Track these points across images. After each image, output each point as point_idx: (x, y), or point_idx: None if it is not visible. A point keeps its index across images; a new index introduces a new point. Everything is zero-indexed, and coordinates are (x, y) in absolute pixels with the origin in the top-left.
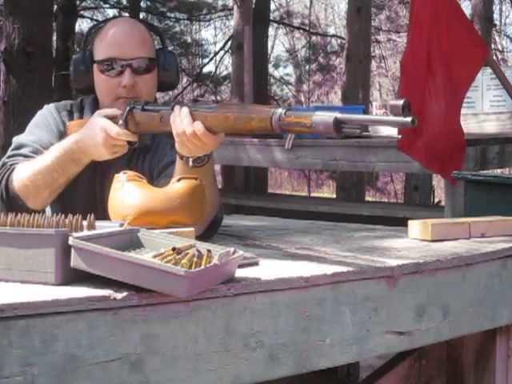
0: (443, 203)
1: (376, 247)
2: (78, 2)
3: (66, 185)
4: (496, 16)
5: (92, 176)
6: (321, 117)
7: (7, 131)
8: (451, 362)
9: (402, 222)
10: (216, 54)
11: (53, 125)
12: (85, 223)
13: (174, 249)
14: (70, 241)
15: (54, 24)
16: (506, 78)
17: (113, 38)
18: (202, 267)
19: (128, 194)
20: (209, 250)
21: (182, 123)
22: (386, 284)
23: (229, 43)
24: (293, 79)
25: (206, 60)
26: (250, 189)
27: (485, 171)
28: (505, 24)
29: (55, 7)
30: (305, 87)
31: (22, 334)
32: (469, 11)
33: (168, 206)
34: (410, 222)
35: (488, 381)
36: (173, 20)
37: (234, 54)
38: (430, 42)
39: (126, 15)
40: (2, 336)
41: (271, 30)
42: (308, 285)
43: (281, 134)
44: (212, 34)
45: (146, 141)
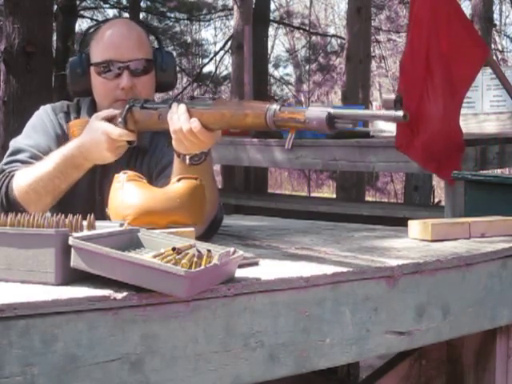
0: (443, 203)
1: (376, 247)
2: (78, 2)
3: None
4: (496, 16)
5: (91, 178)
6: (314, 112)
7: (7, 131)
8: (451, 362)
9: (402, 222)
10: (216, 54)
11: (50, 128)
12: (85, 223)
13: (174, 249)
14: (70, 241)
15: (54, 24)
16: (506, 78)
17: (109, 40)
18: (202, 267)
19: (128, 193)
20: (209, 250)
21: (179, 120)
22: (386, 284)
23: (229, 43)
24: (293, 79)
25: (206, 60)
26: (250, 189)
27: (485, 171)
28: (505, 24)
29: (55, 7)
30: (305, 87)
31: (22, 333)
32: (469, 11)
33: (168, 206)
34: (410, 222)
35: (488, 381)
36: (173, 20)
37: (234, 53)
38: (429, 42)
39: (126, 15)
40: (2, 336)
41: (271, 30)
42: (308, 285)
43: (276, 130)
44: (212, 34)
45: (144, 142)
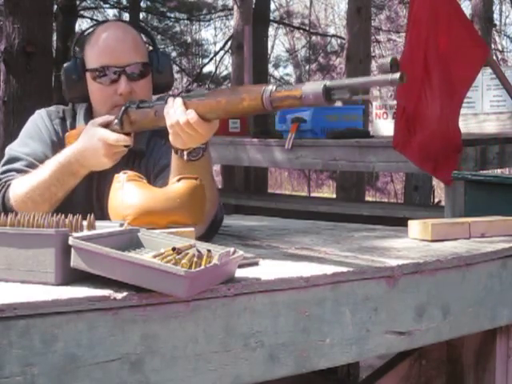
0: (443, 203)
1: (376, 247)
2: (78, 2)
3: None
4: (496, 16)
5: (89, 186)
6: (310, 86)
7: (7, 131)
8: (451, 362)
9: (402, 222)
10: (216, 54)
11: (46, 134)
12: (85, 223)
13: (174, 249)
14: (70, 241)
15: (54, 24)
16: (506, 78)
17: (104, 45)
18: (202, 267)
19: (128, 193)
20: (209, 250)
21: (176, 113)
22: (386, 284)
23: (229, 43)
24: (293, 79)
25: (206, 60)
26: (250, 189)
27: (485, 171)
28: (505, 24)
29: (55, 7)
30: None
31: (22, 333)
32: (469, 11)
33: (168, 206)
34: (410, 222)
35: (488, 381)
36: (173, 20)
37: (234, 53)
38: (427, 42)
39: (126, 15)
40: (2, 336)
41: (271, 30)
42: (308, 285)
43: (273, 111)
44: (212, 34)
45: (141, 146)
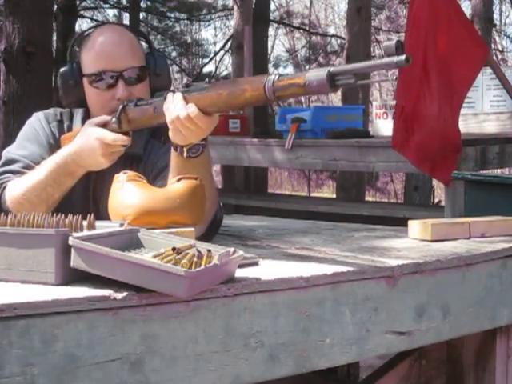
0: (443, 203)
1: (376, 247)
2: (78, 2)
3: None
4: (496, 16)
5: (86, 188)
6: (314, 73)
7: (7, 131)
8: (451, 362)
9: (402, 222)
10: (216, 54)
11: (43, 137)
12: (85, 223)
13: (174, 249)
14: (70, 241)
15: (54, 24)
16: (506, 78)
17: (101, 49)
18: (202, 267)
19: (128, 193)
20: (209, 250)
21: (176, 108)
22: (386, 284)
23: (229, 43)
24: None
25: (206, 60)
26: (250, 189)
27: (485, 171)
28: (505, 24)
29: (55, 7)
30: None
31: (22, 333)
32: (469, 11)
33: (168, 206)
34: (410, 222)
35: (488, 381)
36: (173, 20)
37: (234, 53)
38: (426, 42)
39: (126, 15)
40: (2, 336)
41: (271, 30)
42: (308, 285)
43: (276, 101)
44: (212, 34)
45: (138, 150)
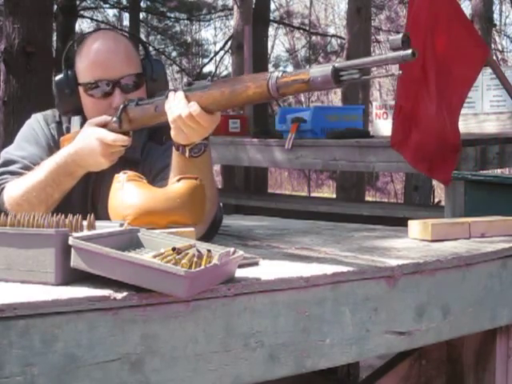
0: (443, 203)
1: (376, 247)
2: (78, 2)
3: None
4: (496, 16)
5: (84, 190)
6: (319, 69)
7: (7, 131)
8: (451, 362)
9: (402, 222)
10: (216, 53)
11: (42, 138)
12: (85, 223)
13: (174, 249)
14: (70, 241)
15: (54, 24)
16: (506, 78)
17: (96, 57)
18: (202, 267)
19: (128, 193)
20: (209, 250)
21: (178, 107)
22: (386, 284)
23: (229, 43)
24: None
25: (206, 60)
26: (250, 189)
27: (485, 171)
28: (505, 24)
29: (55, 7)
30: None
31: (22, 334)
32: (469, 11)
33: (168, 206)
34: (410, 222)
35: (488, 381)
36: (173, 20)
37: (234, 53)
38: (425, 43)
39: (126, 15)
40: (2, 336)
41: (271, 30)
42: (308, 285)
43: (279, 98)
44: (212, 34)
45: (136, 155)
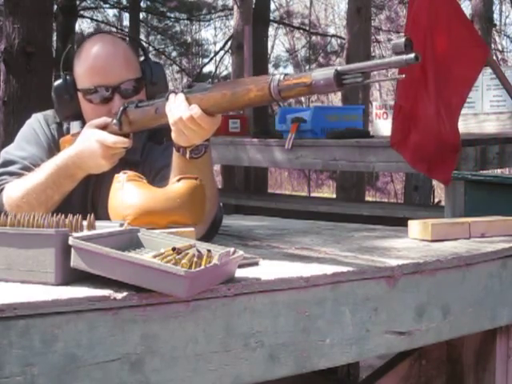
0: (443, 203)
1: (376, 247)
2: (78, 2)
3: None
4: (496, 16)
5: (84, 192)
6: (321, 72)
7: (7, 131)
8: (451, 362)
9: (402, 222)
10: (216, 53)
11: (42, 139)
12: (85, 223)
13: (173, 249)
14: (70, 241)
15: (54, 24)
16: (506, 78)
17: (95, 63)
18: (202, 267)
19: (128, 193)
20: (209, 250)
21: (178, 109)
22: (386, 284)
23: (229, 43)
24: None
25: (206, 60)
26: (250, 189)
27: (485, 171)
28: (505, 24)
29: (55, 7)
30: None
31: (22, 334)
32: (469, 11)
33: (168, 206)
34: (410, 222)
35: (488, 381)
36: (173, 20)
37: (234, 53)
38: (425, 43)
39: (126, 15)
40: (2, 336)
41: (271, 30)
42: (308, 285)
43: (281, 101)
44: (212, 34)
45: (136, 157)
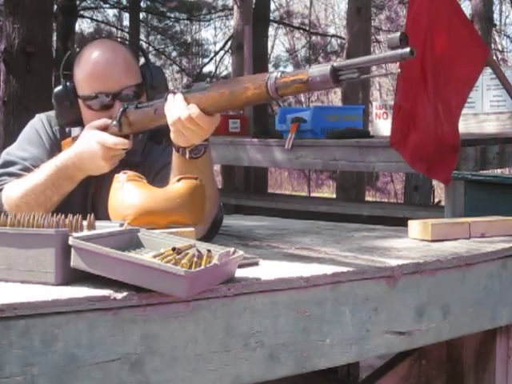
0: (443, 203)
1: (376, 247)
2: (78, 2)
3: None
4: (496, 16)
5: (85, 193)
6: (317, 69)
7: (7, 131)
8: (451, 362)
9: (402, 222)
10: (216, 53)
11: (45, 140)
12: (85, 223)
13: (174, 249)
14: (70, 241)
15: (54, 24)
16: (506, 78)
17: (95, 70)
18: (202, 267)
19: (128, 193)
20: (209, 250)
21: (177, 110)
22: (386, 284)
23: (229, 43)
24: None
25: (206, 60)
26: (250, 189)
27: (485, 171)
28: (505, 24)
29: (55, 7)
30: None
31: (22, 333)
32: (469, 11)
33: (168, 206)
34: (410, 222)
35: (488, 381)
36: (173, 20)
37: (234, 53)
38: (425, 43)
39: (126, 15)
40: (2, 336)
41: (271, 30)
42: (308, 285)
43: (278, 99)
44: (212, 34)
45: (136, 158)
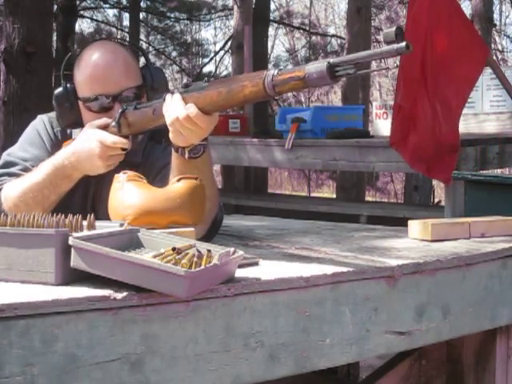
0: (443, 203)
1: (376, 247)
2: (78, 2)
3: (60, 200)
4: (496, 16)
5: (85, 193)
6: (314, 65)
7: (7, 131)
8: (451, 362)
9: (402, 222)
10: (216, 53)
11: (46, 141)
12: (85, 223)
13: (174, 249)
14: (70, 241)
15: (54, 24)
16: (506, 78)
17: (95, 72)
18: (202, 267)
19: (128, 193)
20: (209, 250)
21: (175, 110)
22: (386, 284)
23: (229, 43)
24: None
25: (206, 60)
26: (250, 189)
27: (485, 171)
28: (505, 24)
29: (55, 7)
30: None
31: (22, 334)
32: (469, 11)
33: (168, 206)
34: (410, 222)
35: (488, 381)
36: (173, 20)
37: (234, 53)
38: (425, 43)
39: (126, 15)
40: (2, 336)
41: (271, 30)
42: (308, 285)
43: (276, 97)
44: (212, 34)
45: (137, 159)
